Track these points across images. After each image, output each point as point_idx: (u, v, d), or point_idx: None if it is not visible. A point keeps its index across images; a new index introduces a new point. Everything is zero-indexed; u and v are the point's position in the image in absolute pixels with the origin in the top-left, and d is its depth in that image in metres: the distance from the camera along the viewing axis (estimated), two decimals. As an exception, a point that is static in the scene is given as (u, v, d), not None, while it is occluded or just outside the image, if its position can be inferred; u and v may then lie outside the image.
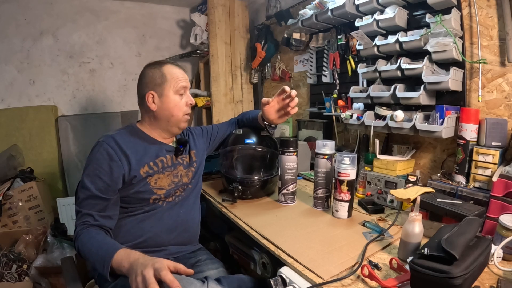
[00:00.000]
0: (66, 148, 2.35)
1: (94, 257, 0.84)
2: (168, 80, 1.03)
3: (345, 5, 1.44)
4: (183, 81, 1.05)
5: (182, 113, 1.06)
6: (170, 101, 1.03)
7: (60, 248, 1.69)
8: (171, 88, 1.03)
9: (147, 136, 1.07)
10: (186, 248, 1.12)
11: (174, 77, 1.03)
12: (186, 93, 1.07)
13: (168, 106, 1.03)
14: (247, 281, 0.99)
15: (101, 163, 0.95)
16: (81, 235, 0.88)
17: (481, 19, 1.12)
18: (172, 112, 1.04)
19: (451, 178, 1.14)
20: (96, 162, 0.95)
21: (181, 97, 1.05)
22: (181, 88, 1.04)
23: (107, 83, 2.58)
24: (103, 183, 0.93)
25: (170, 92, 1.03)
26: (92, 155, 0.97)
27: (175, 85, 1.03)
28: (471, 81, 1.17)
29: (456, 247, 0.61)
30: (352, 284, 0.71)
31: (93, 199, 0.92)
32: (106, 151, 0.96)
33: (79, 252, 0.88)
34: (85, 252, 0.86)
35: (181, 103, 1.05)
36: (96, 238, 0.87)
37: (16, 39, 2.21)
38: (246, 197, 1.26)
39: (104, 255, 0.81)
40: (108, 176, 0.94)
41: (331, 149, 1.12)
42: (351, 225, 1.03)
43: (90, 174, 0.94)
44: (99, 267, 0.81)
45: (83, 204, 0.93)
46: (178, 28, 2.84)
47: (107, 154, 0.95)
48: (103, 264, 0.80)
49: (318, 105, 1.90)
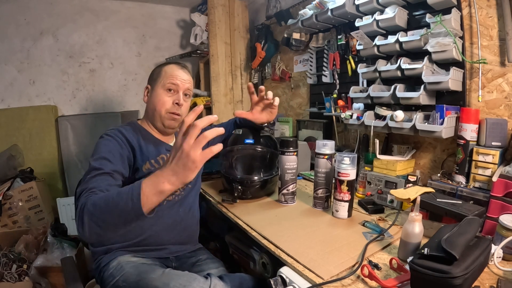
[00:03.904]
0: (66, 148, 2.35)
1: (117, 200, 0.67)
2: (162, 76, 1.05)
3: (345, 5, 1.44)
4: (176, 79, 1.05)
5: (164, 110, 1.05)
6: (156, 95, 1.05)
7: (60, 248, 1.69)
8: (160, 84, 1.05)
9: (148, 134, 1.08)
10: (186, 248, 1.13)
11: (168, 74, 1.05)
12: (178, 93, 1.06)
13: (154, 100, 1.05)
14: (248, 279, 1.00)
15: (110, 148, 0.94)
16: (89, 199, 0.72)
17: (481, 19, 1.12)
18: (155, 106, 1.05)
19: (451, 178, 1.14)
20: (105, 148, 0.93)
21: (169, 93, 1.05)
22: (170, 84, 1.04)
23: (107, 83, 2.58)
24: (113, 165, 0.89)
25: (159, 86, 1.05)
26: (99, 143, 0.95)
27: (165, 81, 1.04)
28: (471, 81, 1.17)
29: (456, 247, 0.61)
30: (352, 284, 0.71)
31: (102, 176, 0.84)
32: (115, 139, 0.97)
33: (91, 216, 0.69)
34: (102, 206, 0.69)
35: (164, 99, 1.04)
36: (110, 191, 0.74)
37: (16, 39, 2.22)
38: (246, 197, 1.26)
39: (130, 190, 0.66)
40: (118, 160, 0.92)
41: (331, 149, 1.12)
42: (351, 225, 1.03)
43: (98, 158, 0.89)
44: (125, 205, 0.65)
45: (89, 182, 0.81)
46: (178, 28, 2.84)
47: (115, 141, 0.96)
48: (132, 197, 0.65)
49: (318, 105, 1.89)
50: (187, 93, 1.08)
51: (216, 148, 0.62)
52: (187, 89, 1.07)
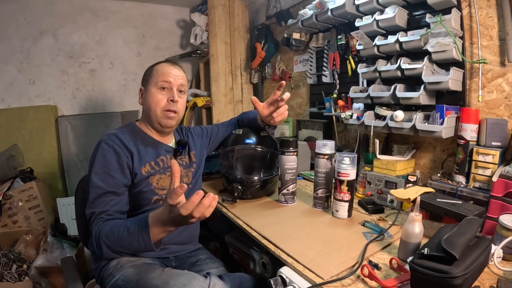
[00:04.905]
0: (66, 148, 2.35)
1: (129, 239, 0.83)
2: (153, 76, 1.04)
3: (345, 5, 1.44)
4: (169, 76, 1.03)
5: (159, 109, 1.03)
6: (150, 95, 1.04)
7: (60, 248, 1.69)
8: (153, 83, 1.04)
9: (146, 136, 1.07)
10: (186, 247, 1.13)
11: (159, 73, 1.04)
12: (172, 90, 1.04)
13: (148, 100, 1.04)
14: (248, 279, 1.00)
15: (109, 160, 0.94)
16: (102, 230, 0.86)
17: (481, 19, 1.12)
18: (150, 107, 1.04)
19: (451, 178, 1.14)
20: (104, 159, 0.94)
21: (162, 91, 1.04)
22: (162, 82, 1.02)
23: (107, 83, 2.58)
24: (114, 180, 0.93)
25: (151, 86, 1.04)
26: (97, 153, 0.96)
27: (157, 80, 1.03)
28: (471, 81, 1.17)
29: (456, 247, 0.61)
30: (352, 284, 0.71)
31: (106, 196, 0.91)
32: (112, 147, 0.96)
33: (108, 246, 0.85)
34: (116, 241, 0.84)
35: (158, 97, 1.03)
36: (120, 225, 0.86)
37: (16, 39, 2.21)
38: (246, 197, 1.26)
39: (139, 232, 0.81)
40: (118, 172, 0.94)
41: (331, 149, 1.12)
42: (351, 225, 1.03)
43: (99, 172, 0.93)
44: (138, 244, 0.81)
45: (95, 203, 0.91)
46: (178, 28, 2.84)
47: (113, 150, 0.95)
48: (142, 238, 0.80)
49: (318, 105, 1.89)
50: (181, 89, 1.06)
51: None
52: (180, 85, 1.06)
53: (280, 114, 1.14)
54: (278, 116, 1.14)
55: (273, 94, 1.11)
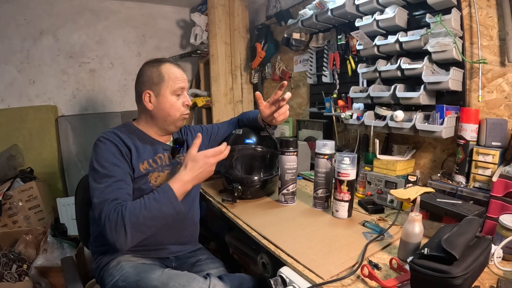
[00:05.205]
0: (66, 148, 2.35)
1: (158, 207, 0.87)
2: (166, 80, 1.02)
3: (345, 5, 1.44)
4: (181, 81, 1.04)
5: (179, 114, 1.05)
6: (166, 101, 1.03)
7: (60, 248, 1.69)
8: (168, 88, 1.02)
9: (144, 135, 1.07)
10: (186, 248, 1.13)
11: (171, 77, 1.03)
12: (183, 94, 1.06)
13: (165, 106, 1.03)
14: (248, 279, 1.00)
15: (113, 153, 0.95)
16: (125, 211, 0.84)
17: (481, 19, 1.12)
18: (168, 113, 1.04)
19: (451, 178, 1.14)
20: (108, 155, 0.94)
21: (178, 97, 1.05)
22: (178, 89, 1.04)
23: (107, 83, 2.58)
24: (120, 169, 0.93)
25: (167, 92, 1.02)
26: (100, 150, 0.96)
27: (172, 85, 1.02)
28: (471, 81, 1.17)
29: (456, 247, 0.61)
30: (352, 284, 0.71)
31: (118, 183, 0.91)
32: (113, 143, 0.96)
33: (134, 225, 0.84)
34: (145, 214, 0.85)
35: (177, 104, 1.05)
36: (141, 200, 0.88)
37: (16, 39, 2.21)
38: (246, 197, 1.26)
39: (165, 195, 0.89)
40: (122, 161, 0.95)
41: (331, 149, 1.12)
42: (351, 225, 1.03)
43: (106, 166, 0.92)
44: (167, 208, 0.88)
45: (106, 191, 0.88)
46: (178, 28, 2.83)
47: (114, 145, 0.96)
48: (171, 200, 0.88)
49: (318, 105, 1.89)
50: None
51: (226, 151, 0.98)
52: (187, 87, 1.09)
53: (282, 114, 1.15)
54: (280, 116, 1.15)
55: (275, 94, 1.12)
